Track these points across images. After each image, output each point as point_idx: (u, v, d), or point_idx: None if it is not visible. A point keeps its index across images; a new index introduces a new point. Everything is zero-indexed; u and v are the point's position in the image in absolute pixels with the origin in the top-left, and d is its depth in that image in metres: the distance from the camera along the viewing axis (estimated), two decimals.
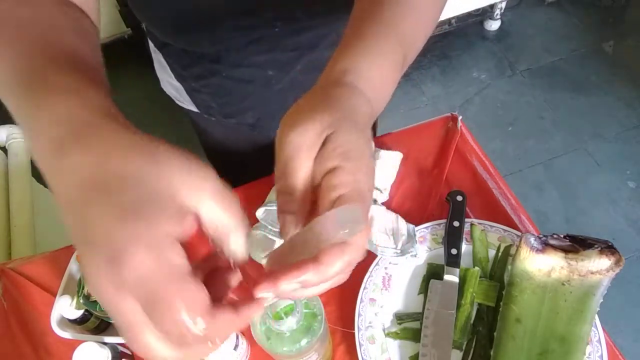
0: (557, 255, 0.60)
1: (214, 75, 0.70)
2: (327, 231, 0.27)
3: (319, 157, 0.31)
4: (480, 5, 2.10)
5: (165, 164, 0.26)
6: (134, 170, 0.26)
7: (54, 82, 0.30)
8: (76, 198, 0.26)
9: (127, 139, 0.27)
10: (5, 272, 0.71)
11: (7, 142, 1.17)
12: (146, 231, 0.24)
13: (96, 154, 0.26)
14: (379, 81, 0.37)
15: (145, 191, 0.25)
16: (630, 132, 1.87)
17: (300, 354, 0.48)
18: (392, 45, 0.39)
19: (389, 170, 0.74)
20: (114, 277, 0.24)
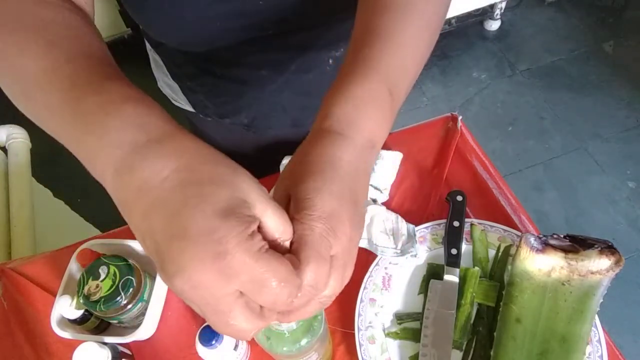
0: (557, 255, 0.60)
1: (208, 74, 0.70)
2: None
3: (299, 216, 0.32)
4: (480, 5, 2.10)
5: (242, 176, 0.30)
6: (223, 176, 0.29)
7: (110, 90, 0.32)
8: (168, 198, 0.28)
9: (207, 148, 0.31)
10: (5, 272, 0.71)
11: (7, 142, 1.17)
12: (241, 227, 0.28)
13: (188, 158, 0.29)
14: (362, 119, 0.38)
15: (233, 195, 0.29)
16: (630, 132, 1.88)
17: (300, 354, 0.48)
18: (375, 83, 0.39)
19: (389, 170, 0.74)
20: (222, 268, 0.27)
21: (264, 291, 0.28)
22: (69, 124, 0.32)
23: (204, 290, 0.27)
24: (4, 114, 1.27)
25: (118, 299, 0.58)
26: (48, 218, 1.22)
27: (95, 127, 0.30)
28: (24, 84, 0.35)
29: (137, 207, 0.29)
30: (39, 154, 1.22)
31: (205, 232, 0.27)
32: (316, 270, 0.31)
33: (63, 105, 0.32)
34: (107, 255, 0.62)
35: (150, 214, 0.28)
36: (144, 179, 0.29)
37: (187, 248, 0.27)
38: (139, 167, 0.29)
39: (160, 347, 0.65)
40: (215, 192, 0.28)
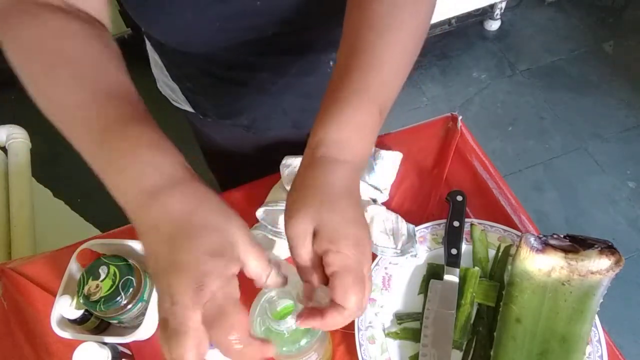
0: (557, 255, 0.60)
1: (208, 75, 0.69)
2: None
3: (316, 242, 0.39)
4: (480, 5, 2.10)
5: (235, 223, 0.37)
6: (218, 224, 0.37)
7: (132, 136, 0.39)
8: (173, 235, 0.35)
9: (211, 195, 0.38)
10: (5, 272, 0.71)
11: (7, 142, 1.17)
12: (224, 268, 0.35)
13: (193, 204, 0.37)
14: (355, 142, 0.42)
15: (224, 240, 0.36)
16: (630, 132, 1.88)
17: (300, 354, 0.48)
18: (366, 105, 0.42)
19: (389, 170, 0.74)
20: (196, 297, 0.33)
21: (221, 322, 0.34)
22: (98, 161, 0.39)
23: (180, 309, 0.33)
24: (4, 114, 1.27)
25: (118, 299, 0.58)
26: (48, 218, 1.22)
27: (120, 169, 0.38)
28: (56, 113, 0.42)
29: (149, 238, 0.37)
30: (39, 154, 1.22)
31: (193, 265, 0.34)
32: (358, 292, 0.37)
33: (92, 145, 0.39)
34: (107, 255, 0.62)
35: (159, 244, 0.36)
36: (157, 218, 0.36)
37: (173, 275, 0.34)
38: (154, 207, 0.36)
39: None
40: (210, 235, 0.35)
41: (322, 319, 0.38)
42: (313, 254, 0.40)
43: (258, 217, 0.68)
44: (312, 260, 0.40)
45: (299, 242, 0.39)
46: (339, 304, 0.37)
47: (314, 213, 0.39)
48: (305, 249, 0.39)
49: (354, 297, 0.37)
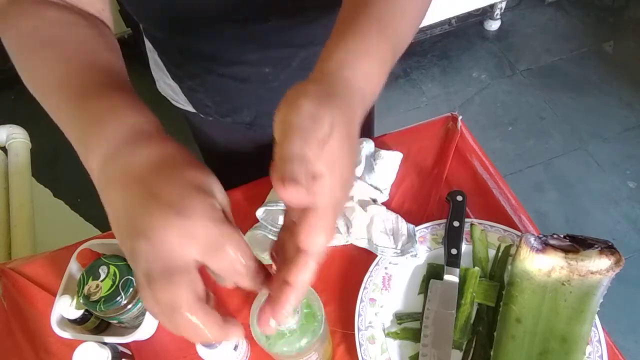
0: (557, 255, 0.60)
1: (209, 73, 0.69)
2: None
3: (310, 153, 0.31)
4: (480, 5, 2.10)
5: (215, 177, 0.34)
6: (200, 166, 0.33)
7: (111, 97, 0.37)
8: (151, 173, 0.32)
9: (182, 151, 0.34)
10: (5, 272, 0.71)
11: (7, 142, 1.17)
12: (208, 200, 0.31)
13: (172, 150, 0.33)
14: (372, 76, 0.38)
15: (207, 180, 0.33)
16: (630, 132, 1.88)
17: (300, 354, 0.48)
18: (383, 42, 0.39)
19: (389, 170, 0.74)
20: (184, 227, 0.29)
21: (220, 255, 0.30)
22: (74, 122, 0.37)
23: (163, 250, 0.29)
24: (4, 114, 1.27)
25: (118, 299, 0.58)
26: (48, 218, 1.22)
27: (95, 125, 0.35)
28: (42, 89, 0.41)
29: (118, 183, 0.32)
30: (39, 154, 1.22)
31: (176, 197, 0.30)
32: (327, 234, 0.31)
33: (71, 107, 0.37)
34: (107, 255, 0.62)
35: (131, 185, 0.31)
36: (129, 162, 0.32)
37: (158, 208, 0.30)
38: (126, 153, 0.33)
39: (160, 347, 0.65)
40: (193, 173, 0.32)
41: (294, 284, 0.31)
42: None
43: (258, 217, 0.68)
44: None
45: (308, 128, 0.31)
46: (303, 248, 0.31)
47: (329, 110, 0.32)
48: (300, 142, 0.30)
49: (322, 239, 0.31)
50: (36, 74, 0.42)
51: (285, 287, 0.31)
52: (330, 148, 0.31)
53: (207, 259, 0.30)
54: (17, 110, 2.21)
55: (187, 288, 0.30)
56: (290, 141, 0.30)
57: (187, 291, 0.29)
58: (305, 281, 0.31)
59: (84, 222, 1.40)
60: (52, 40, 0.42)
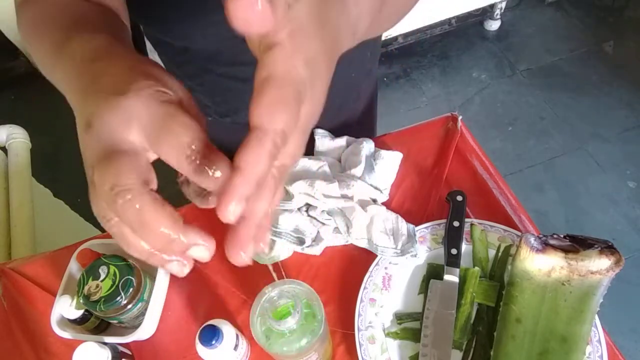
0: (557, 255, 0.60)
1: (208, 73, 0.69)
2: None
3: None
4: (480, 5, 2.10)
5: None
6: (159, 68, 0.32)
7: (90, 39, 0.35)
8: (98, 71, 0.31)
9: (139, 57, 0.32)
10: (5, 272, 0.71)
11: (7, 142, 1.17)
12: (154, 82, 0.29)
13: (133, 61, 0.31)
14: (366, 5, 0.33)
15: (161, 76, 0.31)
16: (630, 132, 1.88)
17: (300, 354, 0.48)
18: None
19: (389, 170, 0.74)
20: (125, 107, 0.27)
21: (165, 137, 0.27)
22: (64, 75, 0.35)
23: (104, 133, 0.27)
24: (4, 114, 1.27)
25: (118, 299, 0.58)
26: (48, 218, 1.22)
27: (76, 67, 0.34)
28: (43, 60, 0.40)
29: (82, 86, 0.31)
30: (39, 154, 1.22)
31: (121, 82, 0.28)
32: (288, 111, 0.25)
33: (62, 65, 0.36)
34: (107, 255, 0.62)
35: (91, 82, 0.30)
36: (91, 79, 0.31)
37: (102, 96, 0.28)
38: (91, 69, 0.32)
39: (160, 347, 0.65)
40: (145, 65, 0.30)
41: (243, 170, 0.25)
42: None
43: None
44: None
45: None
46: (257, 124, 0.25)
47: None
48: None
49: (278, 115, 0.25)
50: (38, 48, 0.42)
51: (232, 174, 0.25)
52: (295, 12, 0.26)
53: (150, 141, 0.27)
54: (17, 110, 2.21)
55: (130, 167, 0.27)
56: None
57: (129, 170, 0.26)
58: (258, 166, 0.25)
59: (84, 222, 1.40)
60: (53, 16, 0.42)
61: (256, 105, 0.25)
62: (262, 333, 0.47)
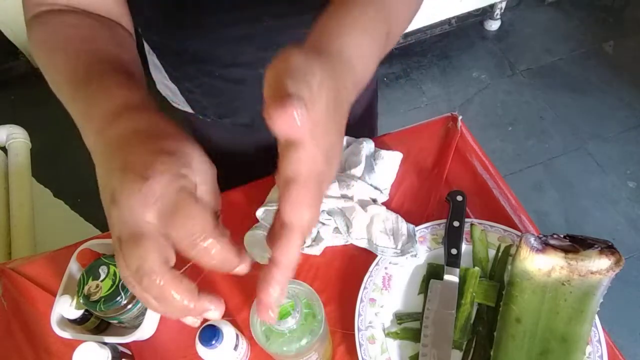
0: (557, 255, 0.60)
1: (206, 75, 0.69)
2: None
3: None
4: (480, 5, 2.10)
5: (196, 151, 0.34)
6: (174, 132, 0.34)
7: (102, 79, 0.39)
8: (124, 142, 0.33)
9: (162, 121, 0.35)
10: (5, 272, 0.71)
11: (7, 142, 1.17)
12: (173, 163, 0.31)
13: (152, 120, 0.35)
14: (365, 52, 0.36)
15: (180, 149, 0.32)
16: (630, 132, 1.88)
17: (300, 354, 0.48)
18: (380, 22, 0.38)
19: (389, 170, 0.74)
20: (145, 188, 0.30)
21: (176, 221, 0.29)
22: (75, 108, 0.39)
23: (128, 214, 0.30)
24: (4, 114, 1.27)
25: (118, 299, 0.58)
26: (48, 218, 1.22)
27: (89, 106, 0.37)
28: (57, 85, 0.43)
29: (103, 155, 0.34)
30: (39, 154, 1.22)
31: (144, 163, 0.30)
32: (313, 207, 0.30)
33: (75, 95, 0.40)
34: (107, 255, 0.62)
35: (112, 155, 0.33)
36: (113, 134, 0.34)
37: (127, 175, 0.30)
38: (112, 126, 0.34)
39: (160, 347, 0.65)
40: (168, 141, 0.32)
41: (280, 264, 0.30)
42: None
43: (258, 217, 0.68)
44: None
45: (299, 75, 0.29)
46: (287, 221, 0.29)
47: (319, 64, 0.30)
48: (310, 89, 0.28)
49: (304, 212, 0.29)
50: (52, 72, 0.44)
51: (270, 265, 0.30)
52: (314, 113, 0.28)
53: (163, 224, 0.30)
54: (17, 110, 2.21)
55: (153, 251, 0.29)
56: (282, 82, 0.28)
57: (152, 254, 0.29)
58: (291, 257, 0.30)
59: (84, 222, 1.40)
60: (64, 39, 0.45)
61: (284, 204, 0.29)
62: (262, 333, 0.47)
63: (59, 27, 0.47)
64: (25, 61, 2.14)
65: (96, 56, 0.43)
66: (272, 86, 0.29)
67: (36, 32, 0.49)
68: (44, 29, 0.48)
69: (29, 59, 2.09)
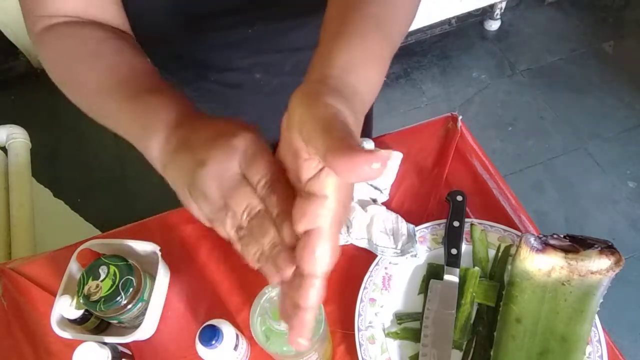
0: (557, 255, 0.60)
1: (203, 80, 0.69)
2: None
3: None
4: (480, 5, 2.10)
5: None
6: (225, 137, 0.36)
7: (156, 95, 0.43)
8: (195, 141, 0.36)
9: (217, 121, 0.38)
10: (5, 272, 0.71)
11: (7, 142, 1.17)
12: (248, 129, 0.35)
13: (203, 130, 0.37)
14: (373, 80, 0.36)
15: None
16: (630, 132, 1.88)
17: (300, 354, 0.48)
18: (381, 40, 0.38)
19: (389, 171, 0.74)
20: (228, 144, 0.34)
21: (258, 159, 0.33)
22: (132, 120, 0.42)
23: (220, 171, 0.33)
24: (4, 114, 1.27)
25: (118, 299, 0.58)
26: (48, 218, 1.22)
27: (152, 118, 0.40)
28: (93, 97, 0.46)
29: (177, 153, 0.37)
30: (39, 154, 1.22)
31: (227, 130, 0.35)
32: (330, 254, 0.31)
33: (126, 108, 0.43)
34: (107, 255, 0.62)
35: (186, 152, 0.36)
36: (183, 137, 0.37)
37: (210, 141, 0.34)
38: (180, 132, 0.38)
39: (160, 347, 0.65)
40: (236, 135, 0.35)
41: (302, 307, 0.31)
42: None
43: None
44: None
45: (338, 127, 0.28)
46: (308, 273, 0.30)
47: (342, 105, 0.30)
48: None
49: (326, 261, 0.30)
50: (85, 85, 0.46)
51: (298, 311, 0.32)
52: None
53: (248, 164, 0.33)
54: (17, 110, 2.21)
55: (252, 193, 0.33)
56: (344, 129, 0.28)
57: (253, 195, 0.33)
58: (316, 301, 0.31)
59: (84, 222, 1.40)
60: (93, 53, 0.47)
61: (307, 259, 0.30)
62: (262, 333, 0.47)
63: (78, 40, 0.48)
64: (25, 61, 2.14)
65: (131, 69, 0.46)
66: (327, 132, 0.28)
67: (54, 45, 0.49)
68: (65, 42, 0.48)
69: (29, 59, 2.09)
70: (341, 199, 0.30)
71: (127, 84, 0.44)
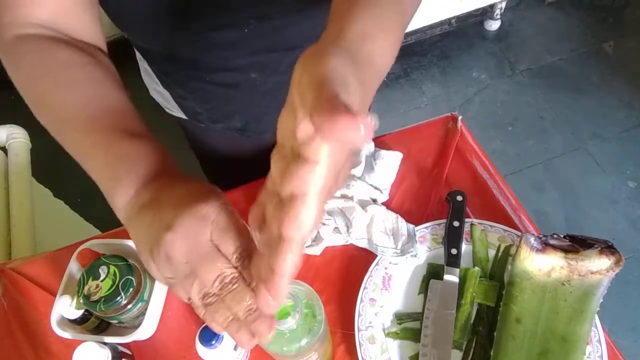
0: (557, 255, 0.60)
1: (197, 80, 0.69)
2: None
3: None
4: (480, 5, 2.10)
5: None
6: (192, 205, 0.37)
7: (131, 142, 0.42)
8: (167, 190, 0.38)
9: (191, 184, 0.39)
10: (5, 272, 0.71)
11: (7, 142, 1.17)
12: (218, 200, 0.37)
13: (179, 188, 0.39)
14: (387, 51, 0.35)
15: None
16: (630, 132, 1.88)
17: (300, 354, 0.48)
18: (395, 15, 0.37)
19: (389, 170, 0.74)
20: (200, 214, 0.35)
21: (231, 229, 0.35)
22: (102, 164, 0.42)
23: (188, 237, 0.34)
24: (4, 114, 1.27)
25: (118, 299, 0.58)
26: (48, 218, 1.22)
27: (123, 169, 0.41)
28: (65, 128, 0.45)
29: (143, 209, 0.38)
30: (39, 154, 1.22)
31: (198, 196, 0.36)
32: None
33: (98, 151, 0.42)
34: (107, 255, 0.62)
35: (164, 198, 0.37)
36: (152, 196, 0.39)
37: (181, 206, 0.35)
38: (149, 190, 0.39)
39: (160, 347, 0.65)
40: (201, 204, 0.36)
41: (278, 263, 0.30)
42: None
43: None
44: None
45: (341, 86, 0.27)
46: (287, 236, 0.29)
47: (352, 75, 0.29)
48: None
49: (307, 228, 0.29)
50: (58, 112, 0.45)
51: (273, 276, 0.30)
52: None
53: (219, 236, 0.34)
54: (17, 110, 2.21)
55: (227, 262, 0.35)
56: (331, 88, 0.26)
57: (228, 265, 0.35)
58: (292, 270, 0.30)
59: (84, 222, 1.40)
60: (69, 81, 0.46)
61: (289, 223, 0.29)
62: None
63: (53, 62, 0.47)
64: None
65: (108, 106, 0.45)
66: (317, 90, 0.26)
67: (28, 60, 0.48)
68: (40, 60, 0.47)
69: None
70: (333, 168, 0.29)
71: (101, 122, 0.43)
